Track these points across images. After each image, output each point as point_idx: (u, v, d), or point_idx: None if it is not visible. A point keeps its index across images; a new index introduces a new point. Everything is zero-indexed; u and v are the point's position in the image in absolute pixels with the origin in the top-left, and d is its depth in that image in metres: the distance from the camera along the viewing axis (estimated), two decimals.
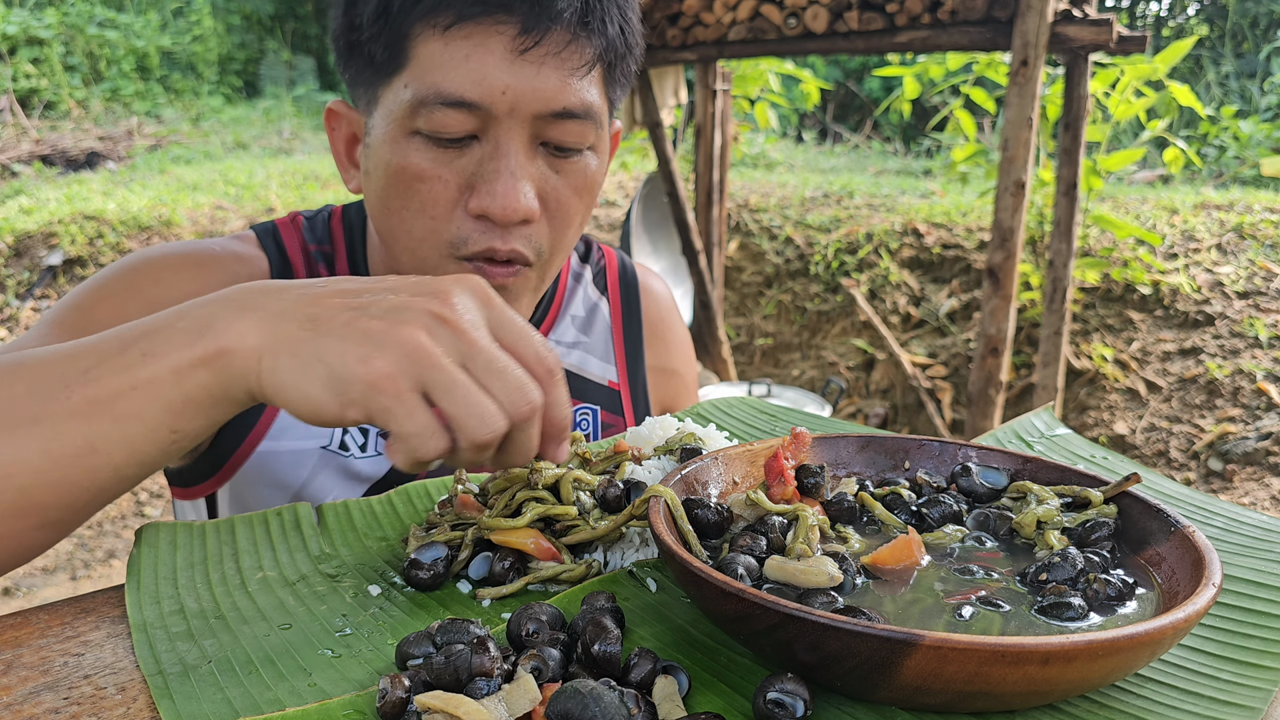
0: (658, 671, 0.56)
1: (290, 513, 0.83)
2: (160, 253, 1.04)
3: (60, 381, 0.65)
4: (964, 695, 0.51)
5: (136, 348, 0.65)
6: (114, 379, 0.64)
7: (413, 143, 0.90)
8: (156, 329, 0.66)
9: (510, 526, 0.71)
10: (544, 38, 0.87)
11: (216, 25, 11.50)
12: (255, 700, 0.56)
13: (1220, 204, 4.99)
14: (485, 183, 0.89)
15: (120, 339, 0.67)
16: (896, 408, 4.79)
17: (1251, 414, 3.91)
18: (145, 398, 0.64)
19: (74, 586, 3.61)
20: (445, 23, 0.86)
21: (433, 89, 0.87)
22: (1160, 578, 0.64)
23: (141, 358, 0.65)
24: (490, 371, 0.62)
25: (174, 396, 0.65)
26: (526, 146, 0.90)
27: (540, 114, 0.89)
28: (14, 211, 6.01)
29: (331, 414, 0.62)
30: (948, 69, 4.72)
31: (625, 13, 0.94)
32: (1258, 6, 9.18)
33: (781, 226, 5.62)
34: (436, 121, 0.87)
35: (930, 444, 0.81)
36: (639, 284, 1.29)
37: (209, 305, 0.67)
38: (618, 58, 0.95)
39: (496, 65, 0.86)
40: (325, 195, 6.67)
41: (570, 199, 0.95)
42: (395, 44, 0.88)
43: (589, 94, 0.91)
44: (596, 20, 0.90)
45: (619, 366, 1.24)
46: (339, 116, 1.01)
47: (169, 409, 0.65)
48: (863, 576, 0.64)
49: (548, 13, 0.86)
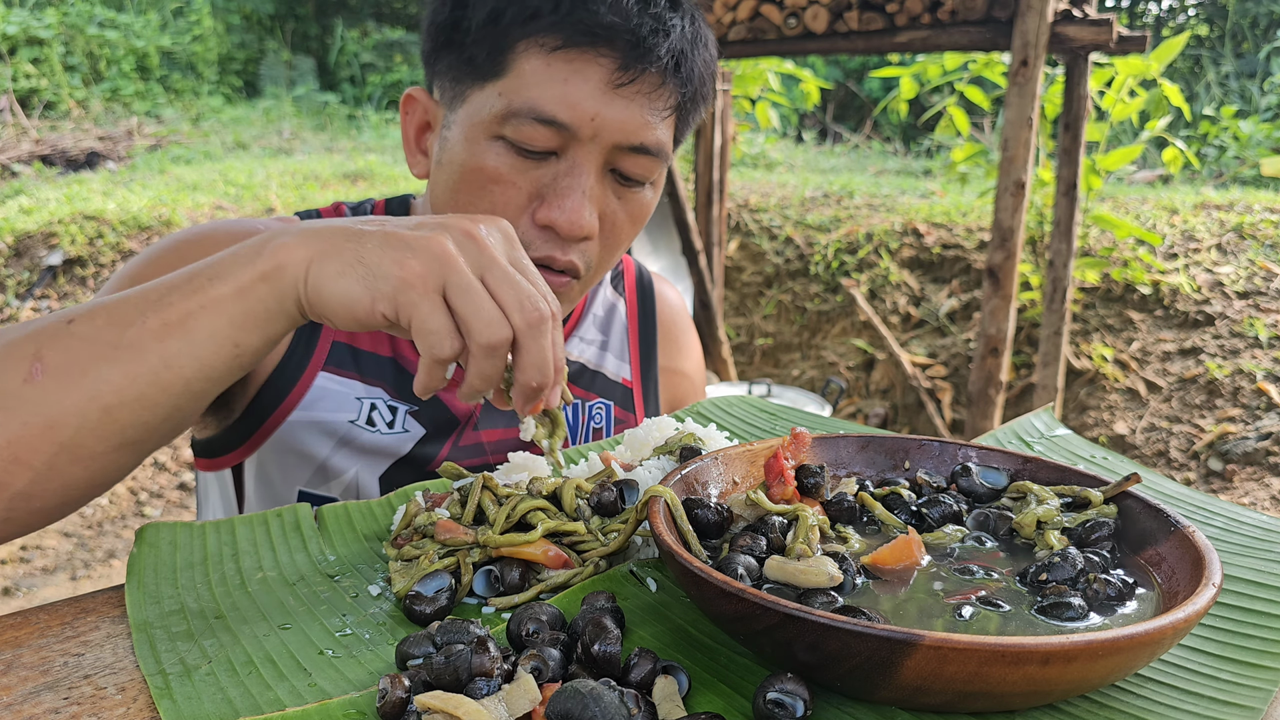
0: (658, 671, 0.56)
1: (290, 513, 0.83)
2: (210, 228, 1.09)
3: (136, 311, 0.74)
4: (964, 695, 0.51)
5: (203, 275, 0.75)
6: (184, 302, 0.74)
7: (494, 146, 0.95)
8: (219, 260, 0.76)
9: (524, 541, 0.70)
10: (639, 77, 0.93)
11: (216, 25, 11.50)
12: (255, 700, 0.56)
13: (1220, 204, 4.99)
14: (557, 197, 0.95)
15: (188, 272, 0.76)
16: (896, 408, 4.79)
17: (1251, 414, 3.91)
18: (212, 315, 0.73)
19: (74, 586, 3.61)
20: (552, 44, 0.92)
21: (528, 104, 0.92)
22: (1160, 578, 0.64)
23: (208, 281, 0.74)
24: (504, 281, 0.71)
25: (236, 311, 0.73)
26: (599, 171, 0.96)
27: (619, 145, 0.95)
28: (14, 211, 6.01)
29: (364, 308, 0.71)
30: (945, 68, 4.72)
31: (709, 65, 1.02)
32: (1258, 6, 9.18)
33: (781, 226, 5.62)
34: (524, 134, 0.93)
35: (930, 444, 0.81)
36: (654, 290, 1.35)
37: (262, 236, 0.76)
38: (693, 105, 1.02)
39: (591, 93, 0.92)
40: (325, 195, 6.67)
41: (625, 225, 1.02)
42: (498, 53, 0.93)
43: (664, 134, 0.99)
44: (686, 69, 0.97)
45: (633, 365, 1.29)
46: (415, 102, 1.06)
47: (232, 323, 0.74)
48: (863, 576, 0.64)
49: (647, 56, 0.93)
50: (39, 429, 0.72)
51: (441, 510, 0.77)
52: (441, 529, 0.73)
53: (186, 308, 0.73)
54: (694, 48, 0.98)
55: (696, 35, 0.98)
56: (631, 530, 0.70)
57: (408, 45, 12.05)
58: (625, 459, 0.87)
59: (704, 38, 1.01)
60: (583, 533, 0.73)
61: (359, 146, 9.04)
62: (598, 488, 0.76)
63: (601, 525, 0.74)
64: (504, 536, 0.71)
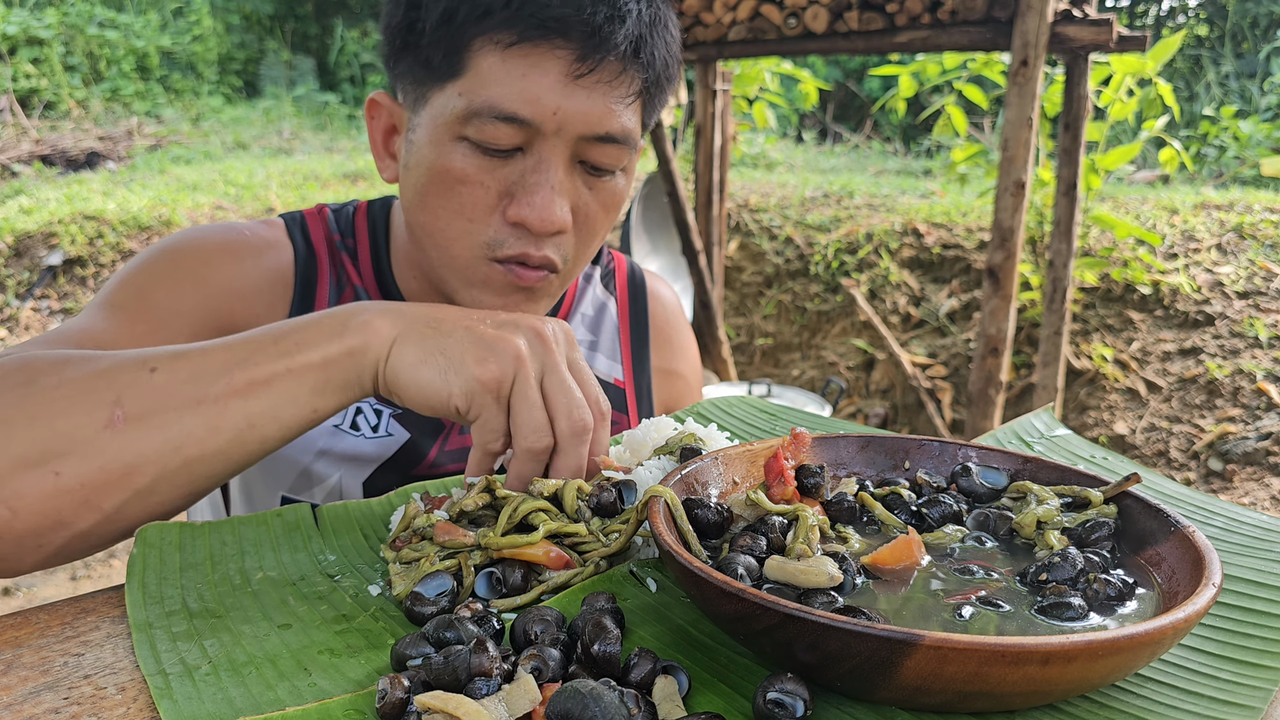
0: (658, 671, 0.56)
1: (290, 513, 0.83)
2: (199, 236, 1.08)
3: (221, 367, 0.76)
4: (964, 695, 0.51)
5: (289, 339, 0.78)
6: (271, 364, 0.77)
7: (459, 148, 0.94)
8: (304, 325, 0.79)
9: (527, 542, 0.70)
10: (598, 66, 0.92)
11: (216, 25, 11.50)
12: (255, 700, 0.56)
13: (1220, 204, 4.99)
14: (525, 194, 0.94)
15: (272, 334, 0.79)
16: (896, 408, 4.79)
17: (1251, 414, 3.91)
18: (297, 379, 0.77)
19: (74, 586, 3.61)
20: (507, 40, 0.90)
21: (487, 102, 0.91)
22: (1160, 578, 0.64)
23: (295, 347, 0.78)
24: (559, 389, 0.77)
25: (319, 379, 0.77)
26: (566, 163, 0.95)
27: (584, 136, 0.94)
28: (14, 211, 6.01)
29: (440, 400, 0.76)
30: (944, 67, 4.72)
31: (671, 47, 1.00)
32: (1258, 7, 9.18)
33: (781, 226, 5.62)
34: (486, 133, 0.92)
35: (930, 444, 0.81)
36: (647, 288, 1.33)
37: (346, 310, 0.80)
38: (658, 88, 1.00)
39: (550, 87, 0.91)
40: (325, 195, 6.67)
41: (599, 214, 1.01)
42: (454, 53, 0.92)
43: (629, 120, 0.97)
44: (647, 53, 0.95)
45: (625, 365, 1.27)
46: (380, 107, 1.05)
47: (314, 390, 0.77)
48: (863, 576, 0.64)
49: (605, 44, 0.91)
50: (117, 475, 0.73)
51: (440, 513, 0.77)
52: (441, 531, 0.73)
53: (273, 369, 0.76)
54: (653, 30, 0.96)
55: (655, 17, 0.96)
56: (633, 531, 0.70)
57: None
58: (624, 460, 0.87)
59: (663, 19, 0.99)
60: (584, 534, 0.73)
61: (359, 146, 9.04)
62: (596, 489, 0.76)
63: (602, 526, 0.74)
64: (505, 538, 0.70)
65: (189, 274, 1.03)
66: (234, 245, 1.08)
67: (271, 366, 0.76)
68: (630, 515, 0.71)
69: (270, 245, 1.10)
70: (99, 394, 0.74)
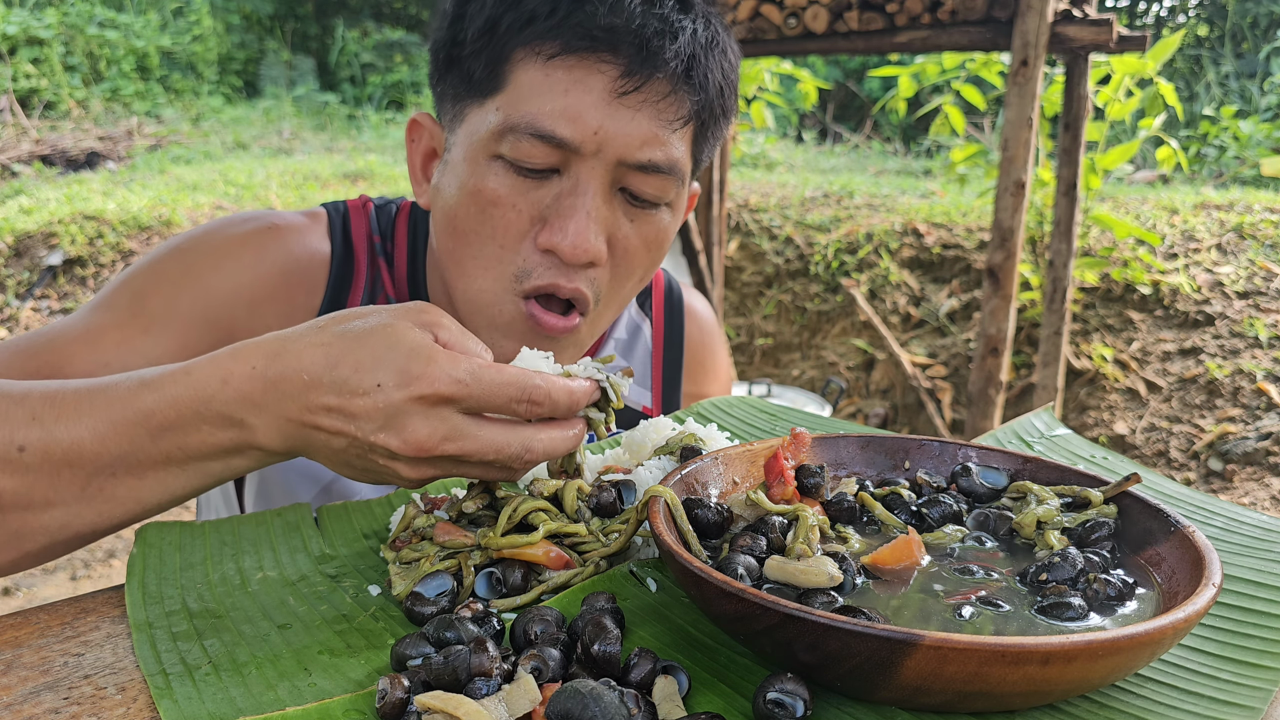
0: (658, 671, 0.56)
1: (290, 513, 0.83)
2: (219, 234, 1.01)
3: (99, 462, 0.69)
4: (964, 695, 0.51)
5: (167, 441, 0.69)
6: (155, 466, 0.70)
7: (493, 167, 0.89)
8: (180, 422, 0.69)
9: (527, 542, 0.70)
10: (645, 84, 0.85)
11: (216, 25, 11.50)
12: (255, 700, 0.56)
13: (1220, 204, 4.99)
14: (559, 219, 0.88)
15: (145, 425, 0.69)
16: (896, 408, 4.79)
17: (1251, 414, 3.91)
18: (191, 473, 0.71)
19: (74, 586, 3.61)
20: (550, 51, 0.85)
21: (525, 117, 0.86)
22: (1160, 578, 0.64)
23: (177, 449, 0.70)
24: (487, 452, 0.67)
25: (215, 470, 0.72)
26: (605, 190, 0.89)
27: (625, 161, 0.87)
28: (14, 211, 6.01)
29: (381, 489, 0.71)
30: (943, 67, 4.72)
31: (728, 74, 0.93)
32: (1258, 7, 9.18)
33: (781, 226, 5.62)
34: (522, 150, 0.86)
35: (930, 444, 0.81)
36: (684, 307, 1.27)
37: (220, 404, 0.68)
38: (712, 118, 0.93)
39: (593, 104, 0.85)
40: (325, 195, 6.67)
41: (638, 250, 0.94)
42: (495, 64, 0.87)
43: (676, 149, 0.90)
44: (700, 75, 0.88)
45: (654, 392, 1.22)
46: (421, 129, 1.00)
47: (212, 476, 0.72)
48: (863, 576, 0.64)
49: (653, 60, 0.85)
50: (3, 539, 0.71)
51: (440, 513, 0.77)
52: (440, 531, 0.73)
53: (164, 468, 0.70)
54: (709, 52, 0.89)
55: (713, 40, 0.90)
56: (633, 530, 0.70)
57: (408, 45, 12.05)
58: (624, 462, 0.87)
59: (721, 43, 0.91)
60: (584, 534, 0.73)
61: (359, 146, 9.04)
62: (595, 489, 0.76)
63: (602, 526, 0.74)
64: (505, 538, 0.70)
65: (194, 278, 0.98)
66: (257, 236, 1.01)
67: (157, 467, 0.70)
68: (630, 515, 0.71)
69: (302, 232, 1.04)
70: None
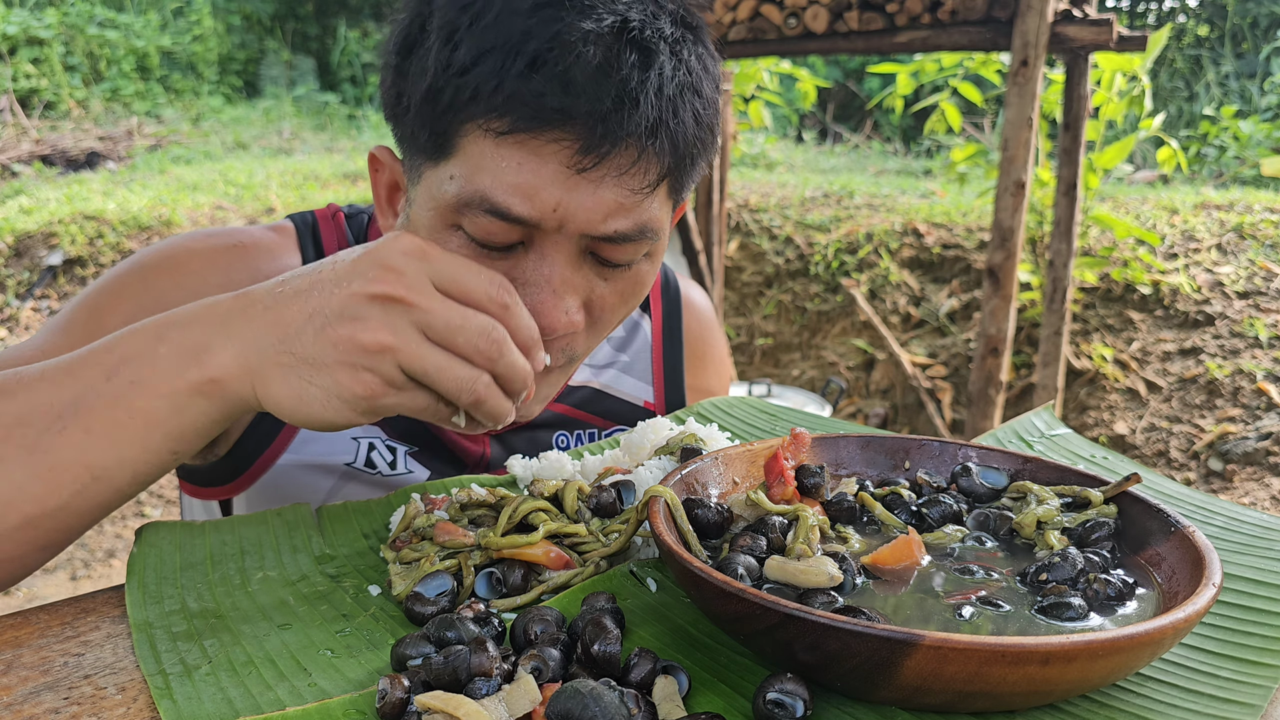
0: (658, 671, 0.56)
1: (291, 513, 0.83)
2: (183, 250, 0.98)
3: (51, 414, 0.67)
4: (964, 695, 0.51)
5: (121, 376, 0.68)
6: (106, 410, 0.67)
7: (455, 238, 0.83)
8: (137, 353, 0.68)
9: (527, 542, 0.70)
10: (605, 159, 0.78)
11: (216, 25, 11.50)
12: (255, 700, 0.56)
13: (1220, 204, 4.99)
14: (527, 293, 0.82)
15: (101, 364, 0.68)
16: (896, 408, 4.79)
17: (1251, 414, 3.91)
18: (142, 424, 0.68)
19: (74, 586, 3.61)
20: (499, 128, 0.77)
21: (479, 194, 0.79)
22: (1160, 578, 0.64)
23: (130, 386, 0.67)
24: (450, 330, 0.67)
25: (173, 424, 0.69)
26: (574, 259, 0.83)
27: (590, 234, 0.81)
28: (14, 211, 6.00)
29: (345, 423, 0.69)
30: (941, 64, 4.72)
31: (701, 117, 0.83)
32: (1258, 7, 9.18)
33: (781, 226, 5.62)
34: (481, 228, 0.80)
35: (930, 444, 0.81)
36: (682, 299, 1.24)
37: (185, 328, 0.69)
38: (691, 164, 0.86)
39: (550, 180, 0.77)
40: (325, 195, 6.67)
41: (616, 305, 0.89)
42: (443, 135, 0.80)
43: (647, 212, 0.83)
44: (665, 135, 0.80)
45: (656, 387, 1.21)
46: (382, 165, 0.95)
47: (168, 434, 0.69)
48: (863, 576, 0.64)
49: (613, 133, 0.76)
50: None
51: (440, 513, 0.77)
52: (440, 531, 0.73)
53: (110, 415, 0.67)
54: (678, 104, 0.80)
55: (683, 87, 0.80)
56: (633, 530, 0.70)
57: None
58: (622, 464, 0.87)
59: (695, 83, 0.82)
60: (584, 534, 0.73)
61: (359, 146, 9.04)
62: (595, 489, 0.76)
63: (602, 526, 0.74)
64: (505, 538, 0.71)
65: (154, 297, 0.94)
66: (222, 254, 0.99)
67: (107, 412, 0.67)
68: (630, 515, 0.71)
69: (271, 251, 1.02)
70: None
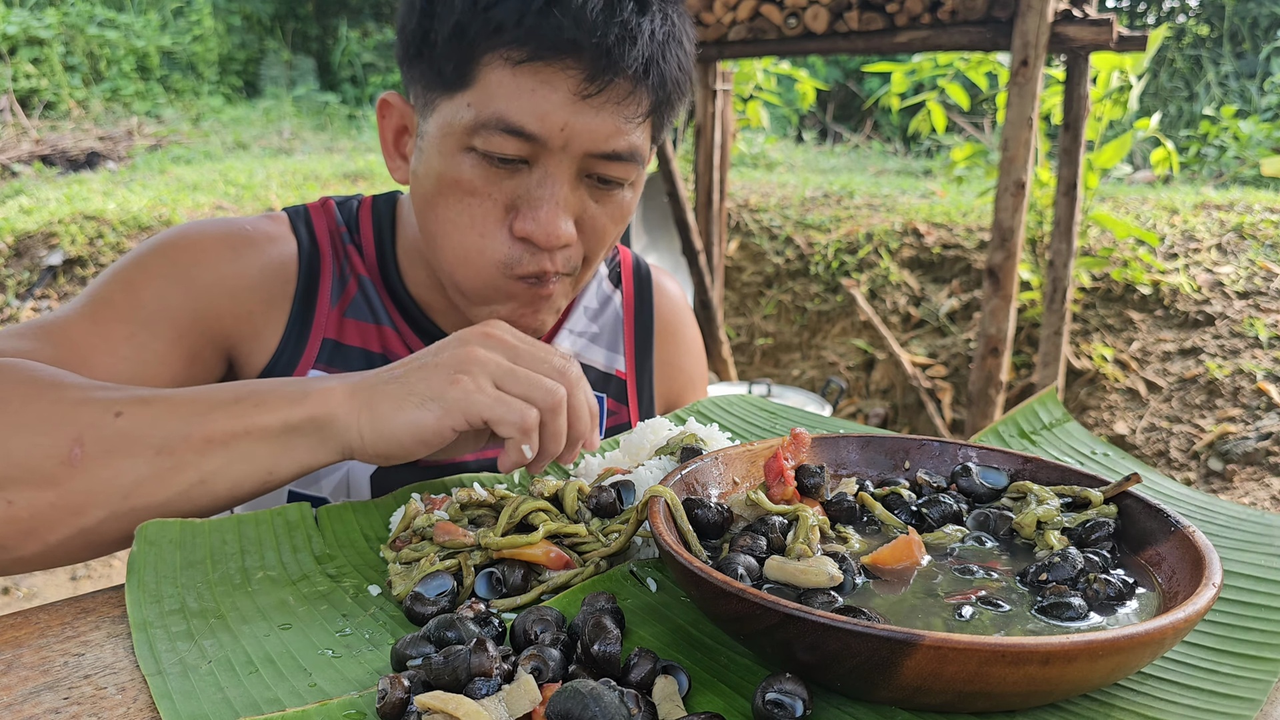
0: (658, 671, 0.56)
1: (290, 513, 0.83)
2: (197, 232, 1.08)
3: (182, 421, 0.78)
4: (964, 695, 0.51)
5: (248, 400, 0.81)
6: (229, 423, 0.79)
7: (467, 158, 0.95)
8: (265, 388, 0.82)
9: (526, 542, 0.70)
10: (607, 87, 0.92)
11: (216, 25, 11.50)
12: (255, 700, 0.56)
13: (1220, 204, 4.99)
14: (530, 208, 0.95)
15: (234, 392, 0.82)
16: (896, 408, 4.79)
17: (1251, 414, 3.91)
18: (254, 440, 0.79)
19: (74, 586, 3.61)
20: (517, 58, 0.91)
21: (496, 115, 0.91)
22: (1160, 578, 0.64)
23: (253, 409, 0.80)
24: (520, 381, 0.81)
25: (279, 444, 0.80)
26: (572, 179, 0.96)
27: (591, 153, 0.94)
28: (14, 211, 6.01)
29: (433, 429, 0.78)
30: (936, 63, 4.72)
31: (684, 63, 1.00)
32: (1258, 7, 9.18)
33: (781, 226, 5.62)
34: (494, 144, 0.92)
35: (930, 444, 0.81)
36: (653, 282, 1.35)
37: (304, 379, 0.84)
38: (669, 105, 1.01)
39: (559, 104, 0.91)
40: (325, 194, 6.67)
41: (606, 226, 1.02)
42: (464, 65, 0.93)
43: (638, 139, 0.98)
44: (656, 74, 0.96)
45: (627, 357, 1.28)
46: (391, 107, 1.06)
47: (271, 452, 0.80)
48: (863, 576, 0.64)
49: (614, 66, 0.91)
50: (66, 511, 0.76)
51: (440, 513, 0.77)
52: (441, 531, 0.73)
53: (230, 428, 0.79)
54: (666, 49, 0.96)
55: (669, 35, 0.97)
56: (633, 530, 0.70)
57: None
58: (621, 464, 0.87)
59: (678, 35, 0.99)
60: (584, 534, 0.73)
61: (359, 146, 9.04)
62: (595, 489, 0.76)
63: (602, 526, 0.74)
64: (505, 538, 0.70)
65: (181, 273, 1.04)
66: (232, 239, 1.08)
67: (229, 425, 0.79)
68: (630, 515, 0.71)
69: (272, 239, 1.11)
70: (62, 429, 0.76)
